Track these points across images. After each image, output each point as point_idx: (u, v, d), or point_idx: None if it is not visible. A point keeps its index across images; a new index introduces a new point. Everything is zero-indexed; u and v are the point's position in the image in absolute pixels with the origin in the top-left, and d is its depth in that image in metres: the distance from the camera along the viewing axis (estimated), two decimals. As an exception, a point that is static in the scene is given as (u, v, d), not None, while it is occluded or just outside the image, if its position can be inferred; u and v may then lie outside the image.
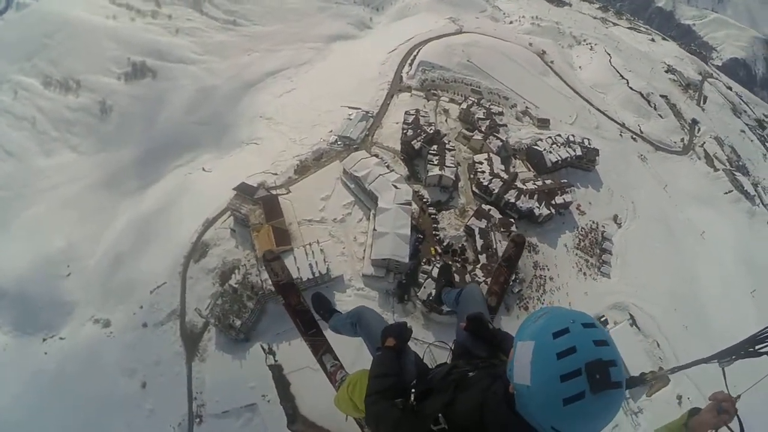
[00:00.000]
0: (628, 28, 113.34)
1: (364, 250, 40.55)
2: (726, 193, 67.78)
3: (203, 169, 55.69)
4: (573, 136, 56.09)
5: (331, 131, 53.28)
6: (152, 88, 69.38)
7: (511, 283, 39.63)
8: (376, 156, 48.10)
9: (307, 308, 7.82)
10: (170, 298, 41.77)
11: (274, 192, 45.19)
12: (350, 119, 53.86)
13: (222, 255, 42.16)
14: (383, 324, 5.44)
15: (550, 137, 54.02)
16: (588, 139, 57.35)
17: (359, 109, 55.93)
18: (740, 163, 74.42)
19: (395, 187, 41.62)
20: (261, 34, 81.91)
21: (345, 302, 39.39)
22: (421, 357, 5.05)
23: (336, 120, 55.54)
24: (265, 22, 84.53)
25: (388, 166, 47.09)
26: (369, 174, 43.05)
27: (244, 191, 43.12)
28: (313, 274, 37.38)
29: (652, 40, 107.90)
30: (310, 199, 44.75)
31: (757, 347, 4.51)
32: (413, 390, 4.05)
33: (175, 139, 63.68)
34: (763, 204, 69.48)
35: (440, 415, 3.29)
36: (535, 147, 52.26)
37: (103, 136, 64.00)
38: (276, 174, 48.38)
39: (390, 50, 69.39)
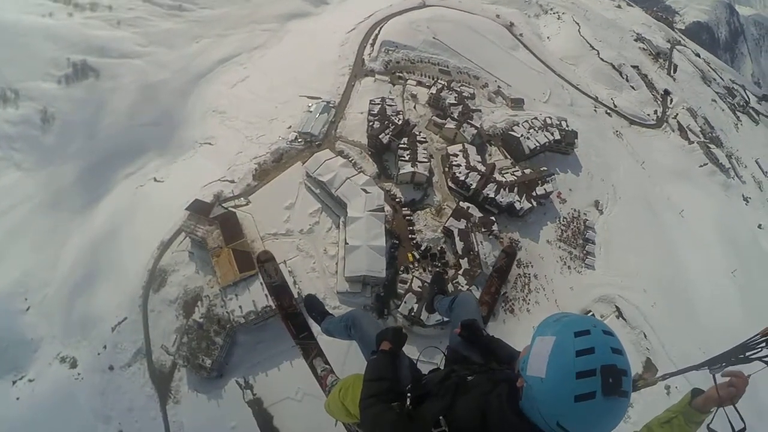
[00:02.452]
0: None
1: (336, 264, 36.65)
2: (701, 166, 67.17)
3: (155, 179, 50.03)
4: (550, 118, 52.94)
5: (290, 127, 48.15)
6: (95, 89, 61.53)
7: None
8: (341, 153, 43.78)
9: (299, 311, 7.57)
10: (133, 335, 37.92)
11: (232, 204, 40.55)
12: (310, 111, 48.77)
13: (182, 283, 37.79)
14: (378, 328, 5.29)
15: (526, 121, 50.56)
16: (565, 120, 54.48)
17: (319, 98, 50.85)
18: (714, 135, 73.76)
19: (365, 191, 37.53)
20: (210, 18, 74.43)
21: (318, 323, 35.86)
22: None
23: (295, 112, 50.39)
24: (214, 4, 76.68)
25: (354, 164, 42.99)
26: (335, 177, 38.69)
27: (199, 210, 38.14)
28: (282, 299, 33.40)
29: (618, 6, 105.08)
30: (272, 209, 40.13)
31: (747, 354, 4.12)
32: (409, 394, 3.89)
33: (123, 145, 57.13)
34: (737, 176, 69.30)
35: (441, 417, 3.21)
36: (512, 133, 48.81)
37: (47, 149, 56.73)
38: (233, 182, 43.41)
39: (349, 29, 63.92)
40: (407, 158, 41.43)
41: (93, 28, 67.76)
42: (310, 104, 50.20)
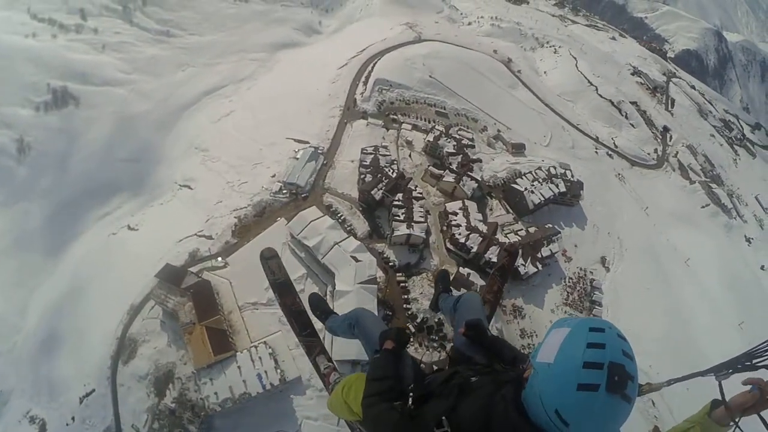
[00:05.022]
0: (586, 25, 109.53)
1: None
2: (703, 207, 65.17)
3: (129, 227, 46.12)
4: (554, 167, 49.98)
5: (274, 175, 44.54)
6: (74, 118, 57.65)
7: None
8: (330, 208, 40.29)
9: (303, 309, 7.50)
10: (102, 410, 34.70)
11: (209, 265, 36.80)
12: (297, 158, 45.19)
13: (153, 356, 34.04)
14: (381, 327, 5.29)
15: (530, 172, 47.52)
16: (569, 168, 51.58)
17: (307, 144, 47.36)
18: (714, 173, 72.05)
19: (355, 259, 33.91)
20: (198, 46, 70.65)
21: (304, 407, 32.11)
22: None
23: (280, 157, 46.86)
24: (203, 31, 72.77)
25: (344, 221, 39.46)
26: (322, 242, 35.01)
27: (169, 277, 34.09)
28: (264, 387, 29.69)
29: (613, 38, 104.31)
30: (252, 273, 35.59)
31: (754, 361, 4.00)
32: (411, 394, 3.67)
33: (98, 182, 53.50)
34: (738, 215, 67.31)
35: (444, 418, 3.06)
36: (515, 186, 45.65)
37: (20, 181, 52.75)
38: (211, 238, 39.69)
39: (341, 65, 60.95)
40: (402, 218, 37.99)
41: (76, 52, 63.89)
42: (297, 149, 46.77)
